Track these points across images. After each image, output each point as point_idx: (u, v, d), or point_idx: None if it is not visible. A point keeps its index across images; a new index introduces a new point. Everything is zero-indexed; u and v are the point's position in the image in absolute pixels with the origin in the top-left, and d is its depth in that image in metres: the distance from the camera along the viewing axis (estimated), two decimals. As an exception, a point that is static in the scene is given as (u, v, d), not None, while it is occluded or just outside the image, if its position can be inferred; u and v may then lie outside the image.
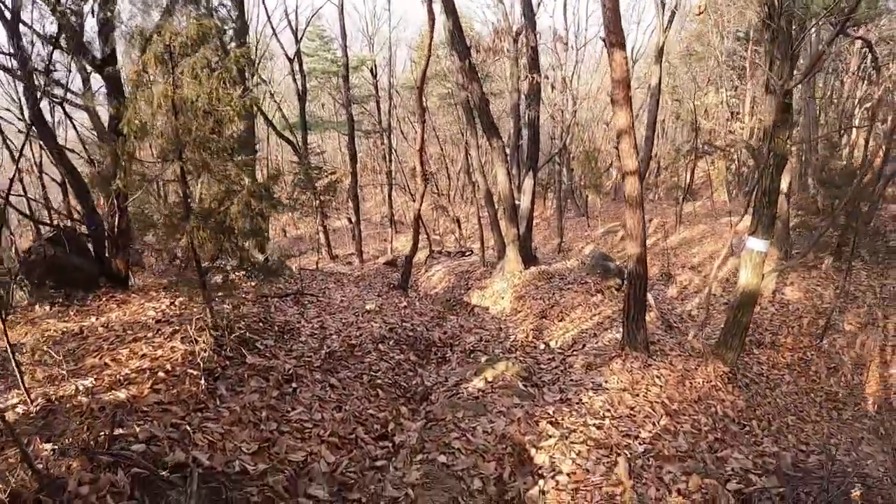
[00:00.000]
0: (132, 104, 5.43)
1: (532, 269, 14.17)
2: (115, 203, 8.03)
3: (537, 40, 14.47)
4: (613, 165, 31.11)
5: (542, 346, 9.62)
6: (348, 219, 24.85)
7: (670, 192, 28.02)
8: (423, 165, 13.95)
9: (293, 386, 5.68)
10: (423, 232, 18.83)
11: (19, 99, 12.49)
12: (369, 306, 10.22)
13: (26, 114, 9.08)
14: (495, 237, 15.63)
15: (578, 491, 4.55)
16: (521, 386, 6.79)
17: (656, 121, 17.56)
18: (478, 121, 14.66)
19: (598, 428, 5.65)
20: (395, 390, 6.75)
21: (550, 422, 5.74)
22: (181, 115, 5.35)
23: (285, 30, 29.30)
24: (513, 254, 14.25)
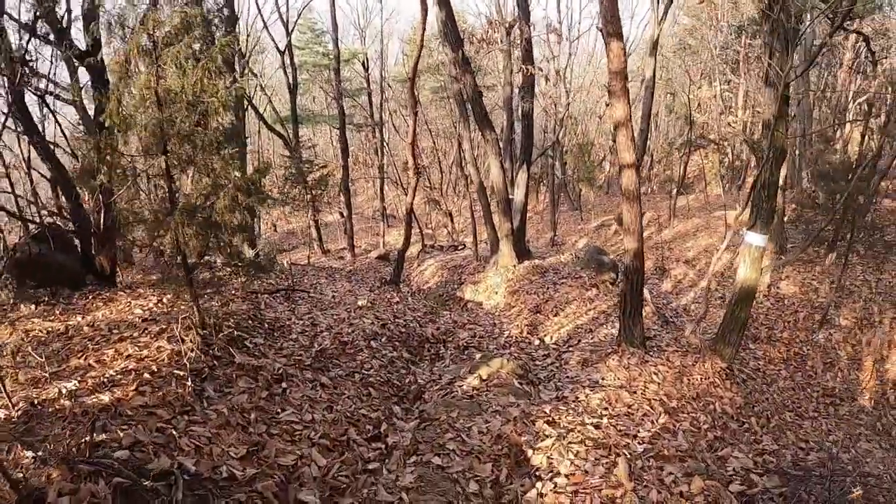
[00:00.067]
0: (114, 96, 5.23)
1: (526, 263, 14.04)
2: (101, 199, 7.81)
3: (531, 32, 14.29)
4: (606, 159, 31.07)
5: (537, 342, 9.51)
6: (340, 213, 24.64)
7: (663, 186, 28.03)
8: (416, 159, 13.75)
9: (283, 386, 5.52)
10: (415, 226, 18.65)
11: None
12: (361, 302, 10.05)
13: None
14: (488, 231, 15.50)
15: (577, 493, 4.42)
16: (516, 384, 6.66)
17: (651, 113, 17.43)
18: (471, 113, 14.49)
19: (596, 427, 5.52)
20: (388, 389, 6.60)
21: (547, 421, 5.61)
22: (165, 107, 5.16)
23: (276, 23, 28.89)
24: (506, 248, 14.12)
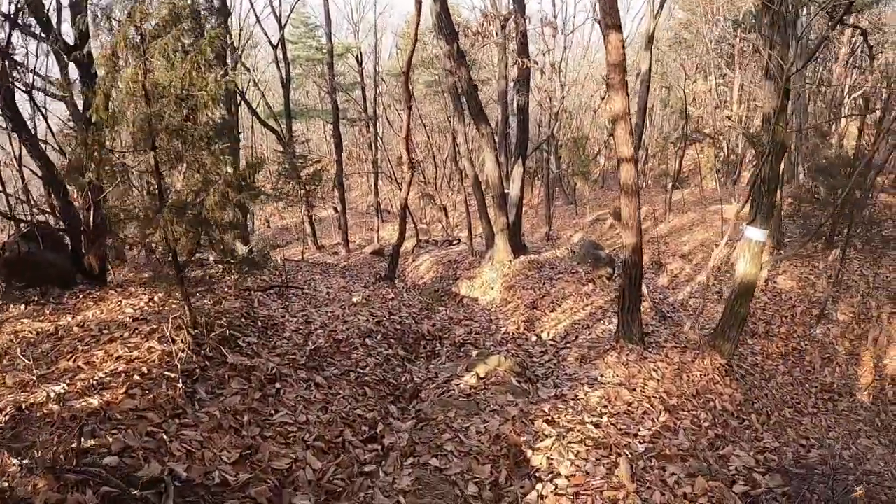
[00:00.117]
0: (100, 90, 5.07)
1: (522, 258, 13.94)
2: (90, 196, 7.64)
3: (526, 24, 14.13)
4: (601, 153, 30.96)
5: (534, 339, 9.41)
6: (334, 208, 24.42)
7: (658, 180, 27.94)
8: (410, 153, 13.60)
9: (276, 386, 5.39)
10: (409, 221, 18.51)
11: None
12: (356, 299, 9.93)
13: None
14: (483, 225, 15.37)
15: (579, 495, 4.32)
16: (514, 382, 6.56)
17: (647, 107, 17.36)
18: (466, 107, 14.34)
19: (596, 426, 5.43)
20: (384, 388, 6.49)
21: (546, 420, 5.51)
22: (153, 101, 5.01)
23: (269, 17, 28.69)
24: (502, 243, 14.00)
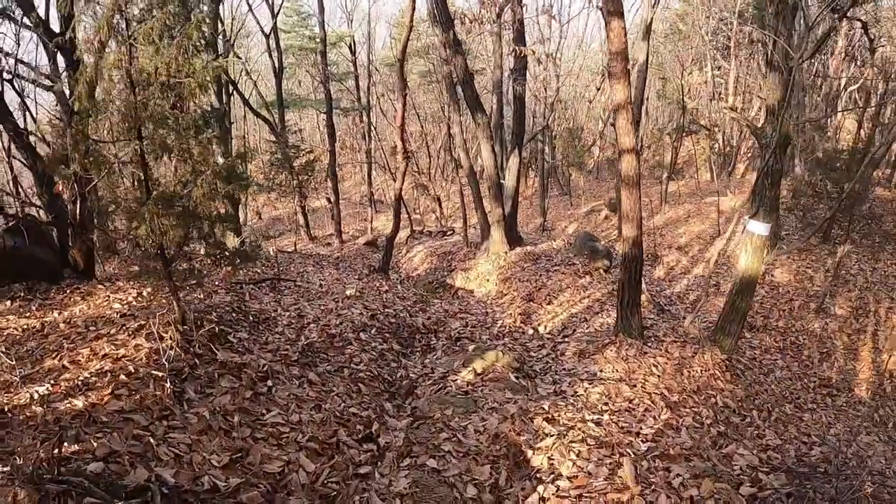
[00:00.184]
0: (83, 78, 4.83)
1: (517, 249, 13.78)
2: (76, 188, 7.39)
3: (523, 12, 13.89)
4: (596, 143, 30.80)
5: (531, 332, 9.27)
6: (327, 198, 24.17)
7: (653, 172, 27.85)
8: (404, 143, 13.36)
9: (268, 384, 5.20)
10: (403, 211, 18.29)
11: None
12: (349, 291, 9.74)
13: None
14: (479, 216, 15.19)
15: (581, 498, 4.19)
16: (512, 378, 6.41)
17: (643, 98, 17.17)
18: (461, 96, 14.11)
19: (597, 424, 5.29)
20: (379, 384, 6.31)
21: (546, 418, 5.37)
22: (139, 88, 4.78)
23: (262, 6, 28.14)
24: (497, 234, 13.84)
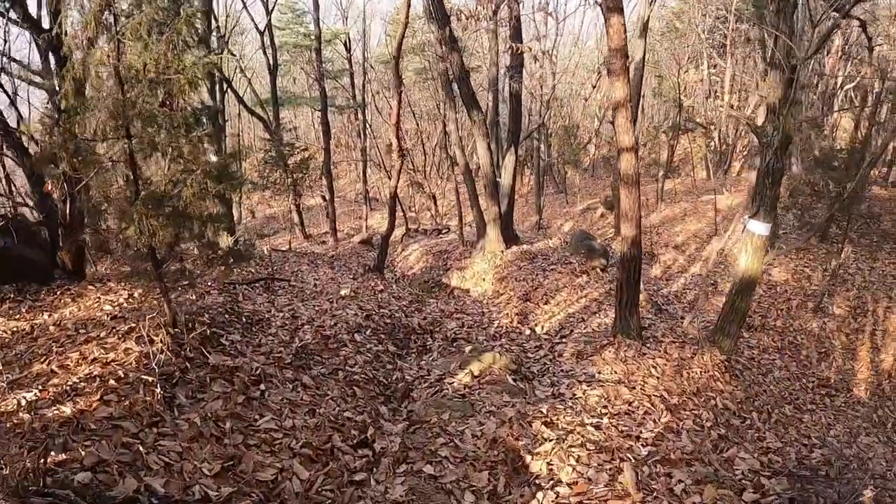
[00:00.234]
0: (69, 74, 4.69)
1: (514, 248, 13.67)
2: (66, 188, 7.23)
3: (520, 9, 13.78)
4: (592, 141, 30.74)
5: (528, 332, 9.16)
6: (322, 196, 23.98)
7: (648, 170, 27.77)
8: (400, 141, 13.24)
9: (261, 388, 5.09)
10: (398, 210, 18.16)
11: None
12: (344, 291, 9.63)
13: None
14: (475, 215, 15.07)
15: (581, 505, 4.10)
16: (510, 380, 6.31)
17: (640, 96, 17.09)
18: (457, 94, 13.99)
19: (597, 428, 5.20)
20: (374, 387, 6.21)
21: (545, 422, 5.27)
22: (128, 85, 4.64)
23: (256, 2, 27.93)
24: (493, 233, 13.73)
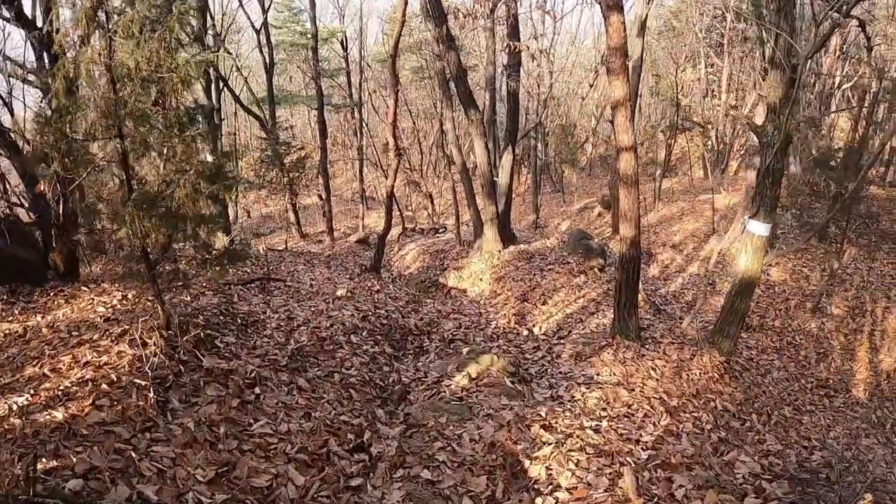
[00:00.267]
0: (59, 73, 4.60)
1: (511, 248, 13.60)
2: (58, 188, 7.13)
3: (517, 7, 13.71)
4: (589, 140, 30.68)
5: (526, 333, 9.11)
6: (318, 195, 23.90)
7: (645, 169, 27.73)
8: (396, 139, 13.15)
9: (256, 391, 5.02)
10: (395, 209, 18.08)
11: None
12: (340, 292, 9.55)
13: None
14: (472, 214, 14.99)
15: (581, 511, 4.04)
16: (508, 383, 6.25)
17: (638, 95, 17.03)
18: (454, 92, 13.92)
19: (596, 431, 5.15)
20: (370, 390, 6.14)
21: (543, 425, 5.22)
22: (120, 84, 4.56)
23: (252, 0, 27.75)
24: (491, 233, 13.65)
